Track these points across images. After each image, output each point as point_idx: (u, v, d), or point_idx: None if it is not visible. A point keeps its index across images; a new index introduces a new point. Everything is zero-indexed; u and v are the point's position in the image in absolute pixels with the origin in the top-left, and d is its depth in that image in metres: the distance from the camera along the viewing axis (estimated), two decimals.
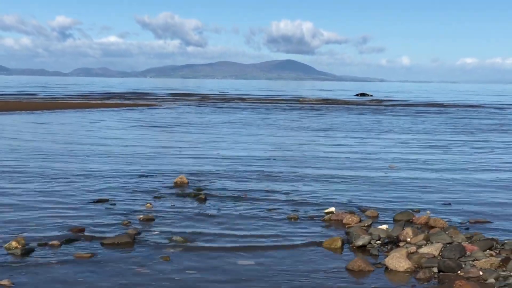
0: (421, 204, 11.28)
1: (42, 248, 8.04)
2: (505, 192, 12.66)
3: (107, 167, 15.16)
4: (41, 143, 20.60)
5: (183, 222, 9.61)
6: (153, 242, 8.45)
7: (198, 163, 16.06)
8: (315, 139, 23.81)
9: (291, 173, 14.69)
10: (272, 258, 7.87)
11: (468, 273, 7.17)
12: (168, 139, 22.85)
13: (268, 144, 21.60)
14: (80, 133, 24.60)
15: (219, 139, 23.11)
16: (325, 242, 8.55)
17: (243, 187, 12.66)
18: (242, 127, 29.14)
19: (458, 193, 12.51)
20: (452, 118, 38.09)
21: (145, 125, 29.52)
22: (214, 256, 7.93)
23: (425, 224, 9.65)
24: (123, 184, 12.84)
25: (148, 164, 15.90)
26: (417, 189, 12.90)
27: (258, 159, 17.23)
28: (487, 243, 8.16)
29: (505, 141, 24.05)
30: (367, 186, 13.04)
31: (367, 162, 16.97)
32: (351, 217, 9.83)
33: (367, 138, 24.19)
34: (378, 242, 8.52)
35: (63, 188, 12.33)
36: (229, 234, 9.00)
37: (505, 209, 11.06)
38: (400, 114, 41.62)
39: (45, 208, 10.50)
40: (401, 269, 7.35)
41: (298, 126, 30.14)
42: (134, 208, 10.56)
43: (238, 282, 7.00)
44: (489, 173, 15.31)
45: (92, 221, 9.53)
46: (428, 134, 26.67)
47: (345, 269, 7.42)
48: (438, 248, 7.91)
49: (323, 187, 12.90)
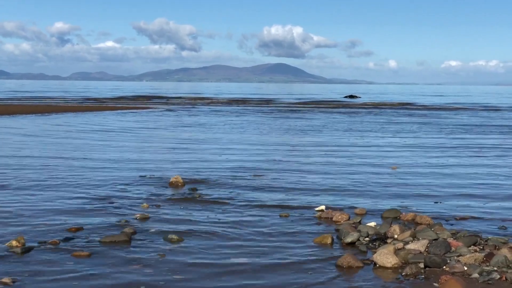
0: (409, 201, 11.60)
1: (42, 246, 8.24)
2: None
3: (106, 166, 15.46)
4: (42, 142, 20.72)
5: (178, 221, 9.85)
6: (149, 240, 8.68)
7: (193, 163, 16.31)
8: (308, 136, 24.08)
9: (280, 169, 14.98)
10: (264, 255, 8.10)
11: (453, 268, 7.36)
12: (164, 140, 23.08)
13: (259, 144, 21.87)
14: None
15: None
16: (315, 239, 8.80)
17: (236, 185, 12.95)
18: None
19: (443, 189, 12.85)
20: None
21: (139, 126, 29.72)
22: (209, 252, 8.16)
23: (411, 221, 9.93)
24: (120, 184, 13.08)
25: (145, 164, 16.19)
26: (406, 187, 13.24)
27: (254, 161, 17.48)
28: (471, 239, 8.41)
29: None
30: (359, 184, 13.34)
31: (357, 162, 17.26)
32: (340, 214, 10.09)
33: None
34: (367, 239, 8.76)
35: (62, 187, 12.61)
36: (223, 231, 9.24)
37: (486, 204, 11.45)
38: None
39: (44, 207, 10.71)
40: (389, 265, 7.56)
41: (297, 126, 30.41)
42: (131, 207, 10.79)
43: (231, 274, 7.26)
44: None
45: (90, 221, 9.75)
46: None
47: (335, 265, 7.63)
48: (424, 244, 8.15)
49: (317, 184, 13.19)
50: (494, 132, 29.15)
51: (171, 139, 24.06)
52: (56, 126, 29.88)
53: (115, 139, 23.56)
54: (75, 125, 30.69)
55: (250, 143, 23.00)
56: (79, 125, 30.95)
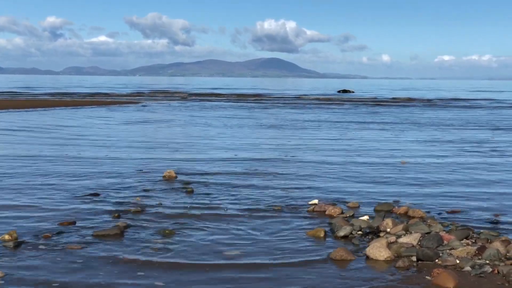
0: (402, 196, 11.64)
1: (34, 240, 8.23)
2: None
3: (100, 158, 15.60)
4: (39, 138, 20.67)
5: (171, 215, 9.84)
6: (142, 233, 8.67)
7: (185, 157, 16.31)
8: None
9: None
10: (257, 248, 8.13)
11: (445, 261, 7.39)
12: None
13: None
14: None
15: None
16: (308, 232, 8.81)
17: (229, 181, 12.95)
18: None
19: (438, 183, 12.90)
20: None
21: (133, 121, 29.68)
22: (201, 245, 8.17)
23: (404, 214, 9.97)
24: (114, 178, 13.07)
25: (138, 158, 16.19)
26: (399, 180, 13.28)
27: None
28: (463, 232, 8.44)
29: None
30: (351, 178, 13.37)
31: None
32: (333, 208, 10.10)
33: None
34: (360, 233, 8.78)
35: (55, 181, 12.58)
36: (215, 225, 9.25)
37: (479, 197, 11.53)
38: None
39: (36, 201, 10.69)
40: (381, 258, 7.59)
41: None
42: (124, 201, 10.78)
43: (223, 267, 7.28)
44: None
45: (83, 215, 9.74)
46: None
47: (328, 258, 7.66)
48: (417, 237, 8.17)
49: (310, 180, 13.22)
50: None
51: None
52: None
53: (115, 132, 23.56)
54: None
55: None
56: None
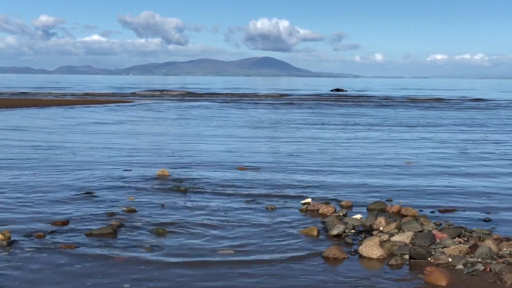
0: (395, 194, 11.69)
1: (28, 240, 8.21)
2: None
3: (92, 160, 15.55)
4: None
5: (164, 213, 9.85)
6: (135, 233, 8.67)
7: (179, 156, 16.31)
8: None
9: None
10: (250, 246, 8.14)
11: (437, 259, 7.43)
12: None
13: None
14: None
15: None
16: (301, 231, 8.84)
17: (223, 178, 12.97)
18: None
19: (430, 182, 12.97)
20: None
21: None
22: (195, 244, 8.18)
23: (397, 213, 10.01)
24: (107, 177, 13.05)
25: (131, 157, 16.22)
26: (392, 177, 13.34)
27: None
28: (456, 230, 8.50)
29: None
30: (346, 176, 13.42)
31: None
32: (326, 207, 10.13)
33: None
34: (353, 231, 8.81)
35: (48, 180, 12.59)
36: (209, 223, 9.25)
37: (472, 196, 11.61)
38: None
39: (30, 201, 10.66)
40: (374, 256, 7.62)
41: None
42: (117, 200, 10.77)
43: (217, 265, 7.31)
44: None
45: (76, 214, 9.72)
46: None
47: (321, 257, 7.68)
48: (409, 236, 8.21)
49: (303, 177, 13.27)
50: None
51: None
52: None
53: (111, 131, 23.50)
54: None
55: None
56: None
